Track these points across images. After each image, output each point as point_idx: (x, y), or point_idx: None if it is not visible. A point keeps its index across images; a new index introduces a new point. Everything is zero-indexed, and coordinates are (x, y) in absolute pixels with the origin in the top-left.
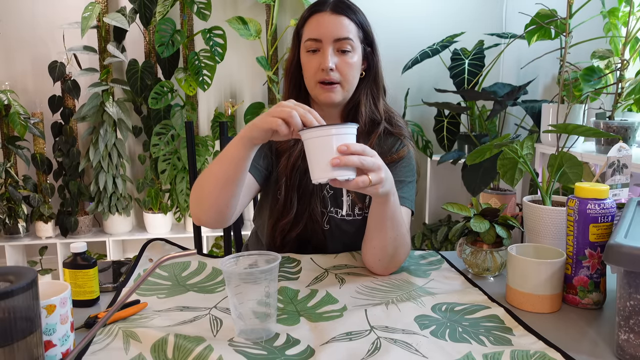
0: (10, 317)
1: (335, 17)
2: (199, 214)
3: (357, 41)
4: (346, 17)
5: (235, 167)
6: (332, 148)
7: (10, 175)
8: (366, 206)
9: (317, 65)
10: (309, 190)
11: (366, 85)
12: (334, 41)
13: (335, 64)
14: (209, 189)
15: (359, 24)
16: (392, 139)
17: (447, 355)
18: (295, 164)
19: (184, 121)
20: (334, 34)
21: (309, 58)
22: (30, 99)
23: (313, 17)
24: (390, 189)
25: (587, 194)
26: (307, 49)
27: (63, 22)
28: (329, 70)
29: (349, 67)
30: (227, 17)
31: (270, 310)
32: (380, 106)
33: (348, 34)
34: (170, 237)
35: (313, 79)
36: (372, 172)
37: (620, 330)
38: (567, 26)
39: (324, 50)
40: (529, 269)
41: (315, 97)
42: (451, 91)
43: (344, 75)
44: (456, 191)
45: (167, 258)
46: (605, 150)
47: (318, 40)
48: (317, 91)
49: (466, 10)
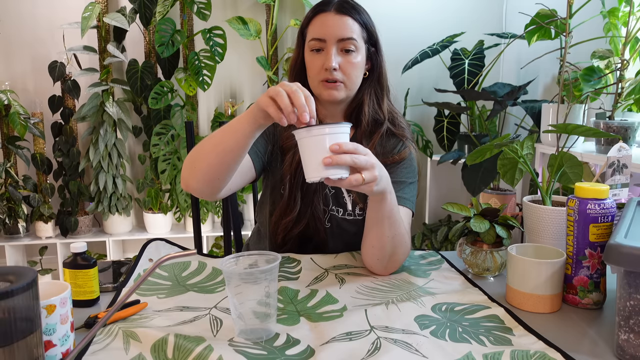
0: (10, 317)
1: (339, 17)
2: (188, 179)
3: (360, 41)
4: (350, 17)
5: (236, 139)
6: (324, 147)
7: (10, 175)
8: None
9: (320, 65)
10: (312, 189)
11: (370, 85)
12: (337, 41)
13: (339, 64)
14: (205, 153)
15: (363, 24)
16: (394, 140)
17: (447, 355)
18: (300, 162)
19: (184, 121)
20: (337, 34)
21: (313, 57)
22: (30, 99)
23: (317, 17)
24: (386, 187)
25: (587, 194)
26: (311, 48)
27: (63, 22)
28: (332, 70)
29: (352, 67)
30: (227, 17)
31: (270, 310)
32: (384, 106)
33: (352, 34)
34: (170, 237)
35: (317, 78)
36: (366, 170)
37: (620, 330)
38: (567, 26)
39: (328, 50)
40: (529, 269)
41: (319, 95)
42: (451, 91)
43: (347, 74)
44: (456, 191)
45: (167, 258)
46: (605, 150)
47: (322, 40)
48: (320, 89)
49: (466, 10)
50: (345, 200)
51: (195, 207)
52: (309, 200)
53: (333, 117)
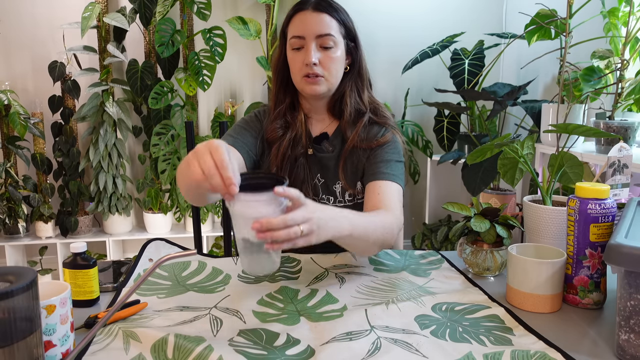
0: (10, 317)
1: (316, 15)
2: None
3: (339, 37)
4: (327, 14)
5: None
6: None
7: (10, 175)
8: (357, 192)
9: (301, 61)
10: (300, 179)
11: (351, 78)
12: (316, 37)
13: (319, 59)
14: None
15: (341, 20)
16: (377, 127)
17: (447, 355)
18: (285, 153)
19: (184, 121)
20: (315, 30)
21: (294, 55)
22: (30, 99)
23: (296, 16)
24: (335, 225)
25: (587, 193)
26: (292, 46)
27: (63, 22)
28: (312, 65)
29: (331, 62)
30: (227, 17)
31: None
32: (365, 98)
33: (329, 30)
34: (170, 237)
35: (299, 74)
36: (304, 224)
37: (620, 330)
38: (567, 26)
39: (308, 47)
40: (530, 268)
41: (302, 91)
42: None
43: (327, 69)
44: (456, 191)
45: (167, 258)
46: (605, 150)
47: (301, 38)
48: (303, 85)
49: (466, 10)
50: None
51: (196, 207)
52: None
53: (317, 110)
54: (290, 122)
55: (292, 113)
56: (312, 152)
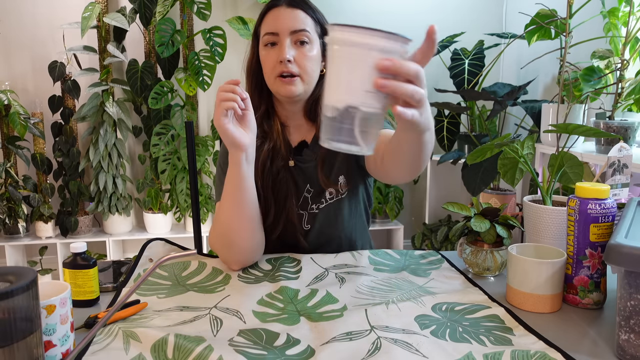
0: (10, 317)
1: (291, 10)
2: (230, 263)
3: (314, 34)
4: (302, 10)
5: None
6: (371, 65)
7: (10, 175)
8: (341, 186)
9: (275, 59)
10: (284, 194)
11: None
12: (290, 33)
13: (294, 57)
14: (233, 228)
15: (316, 19)
16: None
17: (447, 355)
18: (265, 164)
19: (184, 121)
20: (289, 26)
21: (267, 52)
22: (30, 99)
23: (270, 13)
24: (430, 114)
25: (587, 193)
26: (265, 43)
27: (63, 22)
28: (287, 62)
29: (307, 60)
30: (227, 17)
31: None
32: None
33: (304, 25)
34: (170, 237)
35: (272, 73)
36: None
37: (620, 330)
38: (567, 26)
39: (281, 43)
40: (530, 268)
41: (276, 92)
42: (451, 91)
43: (303, 67)
44: (456, 191)
45: (167, 258)
46: (605, 150)
47: (275, 34)
48: (277, 86)
49: (466, 10)
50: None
51: (195, 207)
52: (281, 204)
53: (292, 116)
54: (267, 132)
55: (268, 122)
56: (294, 163)
